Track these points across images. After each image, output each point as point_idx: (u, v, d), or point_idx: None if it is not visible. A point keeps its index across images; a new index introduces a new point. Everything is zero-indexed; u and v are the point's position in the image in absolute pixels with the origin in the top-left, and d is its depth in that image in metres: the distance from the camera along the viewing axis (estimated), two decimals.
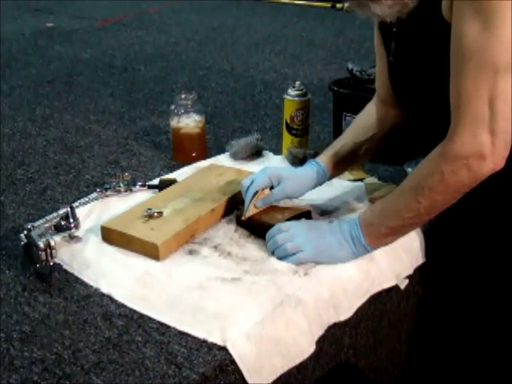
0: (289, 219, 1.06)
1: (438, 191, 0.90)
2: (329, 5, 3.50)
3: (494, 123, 0.84)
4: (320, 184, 1.16)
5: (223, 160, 1.42)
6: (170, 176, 1.32)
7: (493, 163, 0.87)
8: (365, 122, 1.19)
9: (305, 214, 1.10)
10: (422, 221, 0.98)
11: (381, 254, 1.02)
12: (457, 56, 0.86)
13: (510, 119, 0.85)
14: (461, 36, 0.84)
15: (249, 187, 1.09)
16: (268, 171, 1.10)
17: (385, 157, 1.40)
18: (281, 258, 0.99)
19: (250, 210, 1.09)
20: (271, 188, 1.11)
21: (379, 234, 0.98)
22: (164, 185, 1.24)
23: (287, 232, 1.00)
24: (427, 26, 0.93)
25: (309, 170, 1.14)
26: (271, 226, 1.03)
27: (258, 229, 1.07)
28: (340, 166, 1.18)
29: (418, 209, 0.93)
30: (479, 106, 0.84)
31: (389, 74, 1.10)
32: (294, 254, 0.98)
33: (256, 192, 1.08)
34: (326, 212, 1.16)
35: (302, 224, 1.03)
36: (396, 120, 1.17)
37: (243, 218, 1.09)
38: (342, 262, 0.98)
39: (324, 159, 1.16)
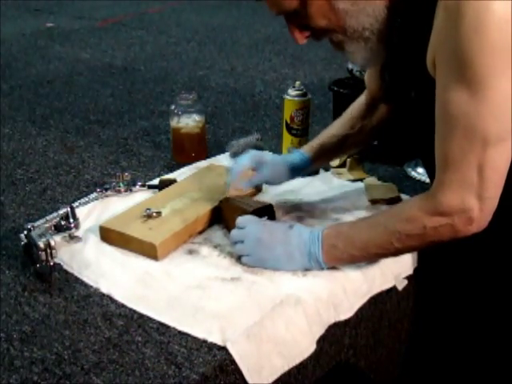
0: (254, 211, 1.05)
1: (414, 240, 0.89)
2: None
3: (482, 190, 0.82)
4: (302, 174, 1.18)
5: (223, 160, 1.42)
6: (170, 176, 1.32)
7: (477, 227, 0.85)
8: (354, 114, 1.19)
9: (267, 209, 1.08)
10: (387, 257, 0.99)
11: None
12: (443, 120, 0.82)
13: (499, 186, 0.82)
14: (446, 102, 0.80)
15: (232, 168, 1.14)
16: (252, 154, 1.15)
17: (385, 157, 1.41)
18: None
19: (232, 190, 1.12)
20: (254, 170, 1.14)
21: (339, 258, 0.96)
22: (164, 185, 1.24)
23: (241, 230, 0.99)
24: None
25: (292, 159, 1.16)
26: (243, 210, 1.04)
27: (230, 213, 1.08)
28: (325, 156, 1.20)
29: (389, 249, 0.91)
30: (467, 171, 0.81)
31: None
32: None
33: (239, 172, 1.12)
34: (325, 212, 1.16)
35: (259, 225, 0.99)
36: (384, 114, 1.17)
37: (223, 197, 1.12)
38: (286, 271, 0.97)
39: (309, 149, 1.17)
